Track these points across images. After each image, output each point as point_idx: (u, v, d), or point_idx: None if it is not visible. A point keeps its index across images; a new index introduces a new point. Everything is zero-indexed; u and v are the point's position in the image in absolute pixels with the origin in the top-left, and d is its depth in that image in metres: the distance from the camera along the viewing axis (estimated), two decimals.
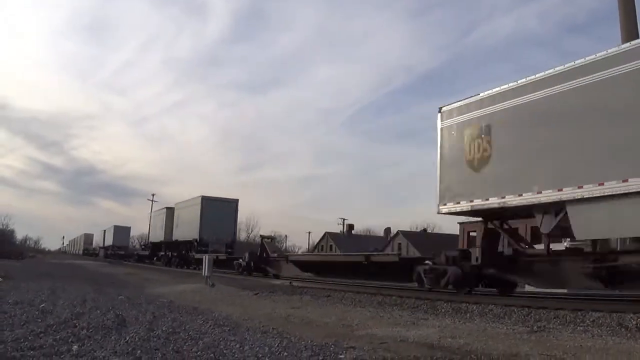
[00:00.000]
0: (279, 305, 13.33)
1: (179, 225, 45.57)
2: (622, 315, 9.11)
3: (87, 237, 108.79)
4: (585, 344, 7.10)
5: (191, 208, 42.21)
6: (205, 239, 39.52)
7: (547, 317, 9.92)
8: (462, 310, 11.64)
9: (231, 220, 41.11)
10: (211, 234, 39.58)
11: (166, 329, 8.30)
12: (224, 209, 40.59)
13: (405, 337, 8.16)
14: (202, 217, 39.83)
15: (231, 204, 41.45)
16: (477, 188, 14.76)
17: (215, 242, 39.50)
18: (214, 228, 39.53)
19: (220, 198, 41.90)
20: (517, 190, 13.52)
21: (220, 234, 39.90)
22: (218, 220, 39.70)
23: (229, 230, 40.93)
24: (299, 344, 7.04)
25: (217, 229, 39.59)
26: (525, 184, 13.28)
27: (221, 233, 39.92)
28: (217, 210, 40.28)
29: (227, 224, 40.64)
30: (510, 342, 7.37)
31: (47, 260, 56.58)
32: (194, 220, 40.70)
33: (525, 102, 13.59)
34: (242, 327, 8.96)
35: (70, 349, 6.49)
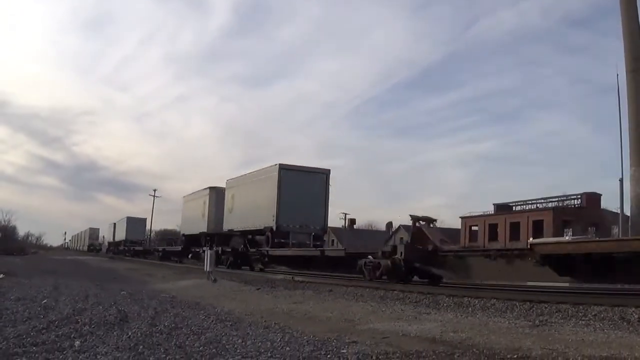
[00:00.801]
0: (280, 300, 13.34)
1: (236, 210, 33.19)
2: (624, 309, 9.10)
3: (92, 231, 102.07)
4: (587, 337, 7.09)
5: (259, 184, 30.26)
6: (285, 227, 27.67)
7: (549, 311, 9.90)
8: (464, 304, 11.63)
9: (320, 200, 29.01)
10: (293, 219, 27.92)
11: (168, 324, 8.32)
12: (310, 184, 28.71)
13: (407, 331, 8.16)
14: (281, 195, 27.76)
15: (320, 177, 29.22)
16: None
17: (298, 230, 28.05)
18: (297, 211, 27.98)
19: (304, 168, 29.62)
20: None
21: (306, 219, 28.23)
22: (303, 200, 28.26)
23: (318, 214, 28.85)
24: (301, 339, 7.05)
25: (301, 213, 28.05)
26: None
27: (307, 218, 28.27)
28: (302, 185, 28.40)
29: (315, 206, 28.69)
30: (512, 337, 7.36)
31: (49, 257, 56.66)
32: (265, 202, 28.82)
33: None
34: (244, 322, 8.98)
35: (72, 344, 6.50)
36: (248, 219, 30.74)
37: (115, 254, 71.95)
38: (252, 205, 30.43)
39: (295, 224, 27.81)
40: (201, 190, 40.50)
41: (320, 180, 28.84)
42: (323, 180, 28.88)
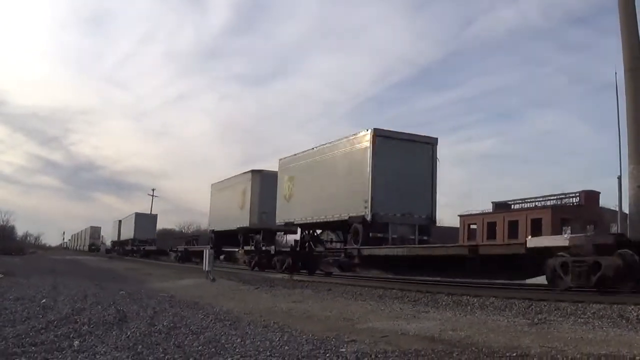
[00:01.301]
0: (279, 300, 13.35)
1: (298, 197, 25.25)
2: (623, 307, 9.11)
3: (93, 230, 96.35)
4: (586, 335, 7.10)
5: (340, 161, 22.25)
6: (382, 217, 19.94)
7: (548, 309, 9.92)
8: (462, 302, 11.64)
9: (426, 179, 21.07)
10: (393, 206, 20.18)
11: (167, 324, 8.31)
12: (413, 158, 21.03)
13: (406, 330, 8.17)
14: (377, 173, 19.89)
15: (425, 149, 21.31)
16: None
17: (399, 221, 20.31)
18: (398, 195, 20.20)
19: (406, 135, 21.36)
20: None
21: (410, 205, 20.49)
22: (405, 179, 20.43)
23: (424, 198, 20.93)
24: (300, 338, 7.05)
25: (403, 197, 20.32)
26: None
27: (411, 204, 20.52)
28: (403, 159, 20.70)
29: (420, 187, 20.85)
30: (511, 335, 7.37)
31: (48, 257, 56.60)
32: (352, 183, 21.01)
33: None
34: (243, 321, 8.97)
35: (71, 344, 6.50)
36: (320, 208, 23.06)
37: (122, 254, 66.70)
38: (327, 190, 22.63)
39: (396, 212, 20.10)
40: (239, 176, 33.05)
41: (425, 152, 21.08)
42: (429, 153, 21.07)
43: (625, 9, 17.93)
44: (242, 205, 31.41)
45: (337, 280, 18.86)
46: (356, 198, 20.31)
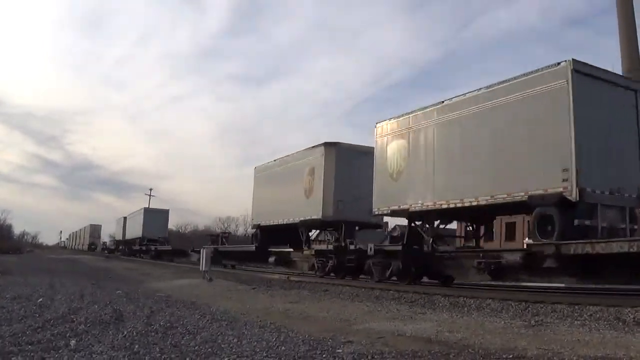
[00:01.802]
0: (276, 300, 13.34)
1: (418, 171, 17.59)
2: (620, 309, 9.13)
3: (93, 229, 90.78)
4: (583, 337, 7.11)
5: (513, 110, 14.68)
6: (590, 195, 13.09)
7: (544, 311, 9.94)
8: (459, 304, 11.66)
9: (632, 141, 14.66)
10: (602, 179, 13.59)
11: (164, 324, 8.30)
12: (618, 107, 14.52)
13: (403, 331, 8.17)
14: (580, 129, 13.14)
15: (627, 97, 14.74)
16: None
17: (608, 201, 13.57)
18: (605, 164, 13.85)
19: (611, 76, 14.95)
20: None
21: (619, 178, 14.01)
22: (612, 138, 14.16)
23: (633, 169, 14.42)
24: (297, 339, 7.05)
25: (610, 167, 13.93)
26: None
27: (620, 178, 14.03)
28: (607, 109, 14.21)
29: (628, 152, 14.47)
30: (508, 337, 7.38)
31: (45, 256, 56.52)
32: (538, 144, 14.01)
33: None
34: (239, 321, 8.97)
35: (68, 343, 6.49)
36: (465, 186, 15.66)
37: (128, 254, 60.45)
38: (483, 157, 15.27)
39: (604, 189, 13.59)
40: (303, 152, 24.73)
41: (628, 101, 14.60)
42: (632, 102, 14.64)
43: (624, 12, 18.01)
44: (309, 190, 23.40)
45: (334, 282, 18.83)
46: (547, 167, 13.57)
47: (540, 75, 13.92)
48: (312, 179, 23.13)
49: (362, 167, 20.91)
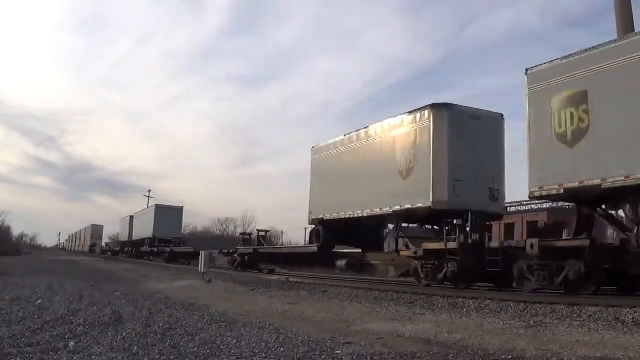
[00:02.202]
0: (275, 301, 13.34)
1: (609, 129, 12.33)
2: (619, 310, 9.15)
3: (95, 229, 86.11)
4: (582, 338, 7.12)
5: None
6: None
7: (543, 311, 9.95)
8: (458, 305, 11.66)
9: None
10: None
11: (163, 325, 8.30)
12: None
13: (402, 332, 8.17)
14: None
15: None
16: None
17: None
18: None
19: None
20: None
21: None
22: None
23: None
24: (296, 340, 7.04)
25: None
26: None
27: None
28: None
29: None
30: (507, 337, 7.38)
31: (44, 257, 56.47)
32: None
33: None
34: (238, 323, 8.96)
35: (67, 345, 6.48)
36: None
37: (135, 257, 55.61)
38: None
39: None
40: (398, 119, 18.99)
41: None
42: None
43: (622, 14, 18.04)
44: (408, 170, 17.93)
45: (333, 282, 18.83)
46: None
47: None
48: (414, 154, 17.71)
49: (480, 138, 17.19)
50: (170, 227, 49.76)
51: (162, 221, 49.75)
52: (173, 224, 50.67)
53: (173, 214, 51.60)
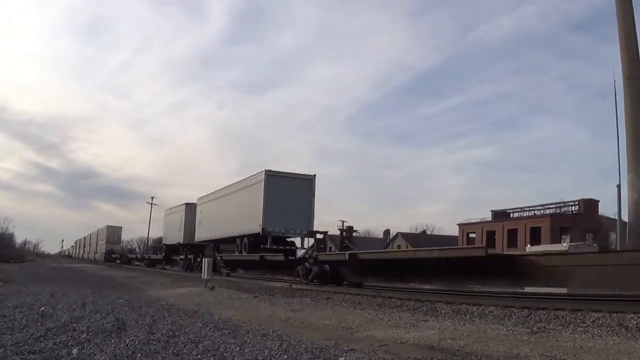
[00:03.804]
0: (278, 308, 13.33)
1: None
2: (623, 316, 9.11)
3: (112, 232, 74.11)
4: (586, 344, 7.10)
5: None
6: None
7: (547, 318, 9.92)
8: (462, 311, 11.64)
9: None
10: None
11: (166, 332, 8.29)
12: None
13: (405, 338, 8.16)
14: None
15: None
16: None
17: None
18: None
19: None
20: None
21: None
22: None
23: None
24: (299, 347, 7.04)
25: None
26: None
27: None
28: None
29: None
30: (511, 344, 7.37)
31: (47, 264, 56.49)
32: None
33: None
34: (241, 330, 8.96)
35: (70, 352, 6.49)
36: None
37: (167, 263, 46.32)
38: None
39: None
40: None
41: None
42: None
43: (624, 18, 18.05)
44: None
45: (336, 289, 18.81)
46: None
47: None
48: None
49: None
50: (294, 215, 27.24)
51: (278, 204, 26.85)
52: (299, 208, 27.37)
53: (298, 190, 27.63)
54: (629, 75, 17.24)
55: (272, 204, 26.52)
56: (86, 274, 35.65)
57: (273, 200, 26.56)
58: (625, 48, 17.61)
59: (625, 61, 17.46)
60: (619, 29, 18.53)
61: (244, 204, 29.84)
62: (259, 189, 27.28)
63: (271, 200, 26.54)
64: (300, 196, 27.37)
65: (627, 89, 17.34)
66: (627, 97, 17.29)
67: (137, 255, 66.34)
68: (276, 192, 26.74)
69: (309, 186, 27.77)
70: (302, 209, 27.31)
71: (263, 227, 26.21)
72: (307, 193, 27.62)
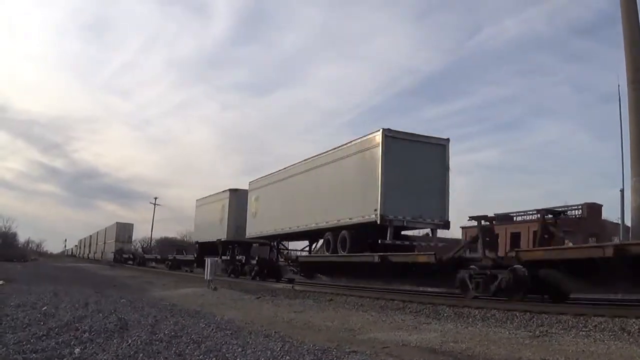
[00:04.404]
0: (281, 309, 13.33)
1: None
2: (625, 320, 9.09)
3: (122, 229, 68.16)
4: (588, 349, 7.08)
5: None
6: None
7: (549, 321, 9.90)
8: (464, 314, 11.63)
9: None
10: None
11: (168, 333, 8.30)
12: None
13: (408, 341, 8.16)
14: None
15: None
16: None
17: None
18: None
19: None
20: None
21: None
22: None
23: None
24: (301, 348, 7.03)
25: None
26: None
27: None
28: None
29: None
30: (512, 347, 7.36)
31: (50, 264, 56.57)
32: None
33: None
34: (244, 330, 8.96)
35: (72, 352, 6.50)
36: None
37: (234, 273, 31.68)
38: None
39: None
40: None
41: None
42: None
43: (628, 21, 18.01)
44: None
45: (339, 291, 18.82)
46: None
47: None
48: None
49: None
50: (423, 196, 19.40)
51: (401, 180, 19.03)
52: (430, 187, 19.66)
53: (427, 159, 19.98)
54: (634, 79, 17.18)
55: (393, 180, 18.40)
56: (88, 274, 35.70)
57: (395, 175, 18.48)
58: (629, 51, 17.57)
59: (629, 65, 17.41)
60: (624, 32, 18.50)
61: (343, 181, 20.84)
62: (372, 157, 18.94)
63: (393, 174, 18.41)
64: (431, 169, 19.44)
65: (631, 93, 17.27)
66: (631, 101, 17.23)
67: (156, 256, 58.16)
68: (399, 162, 18.65)
69: (441, 154, 19.58)
70: (433, 188, 19.31)
71: (382, 213, 17.94)
72: (439, 164, 19.53)
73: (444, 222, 19.27)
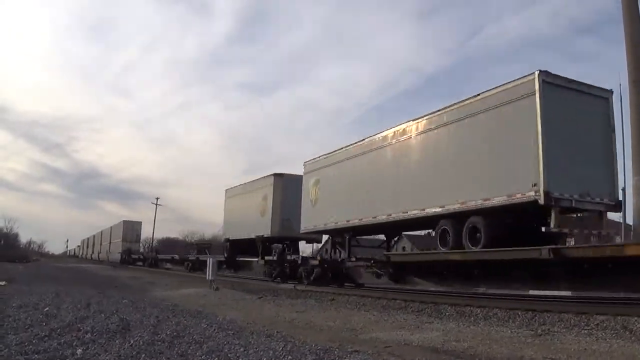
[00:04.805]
0: (283, 309, 13.34)
1: None
2: (627, 319, 9.08)
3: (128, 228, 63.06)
4: (590, 347, 7.08)
5: None
6: None
7: (551, 320, 9.89)
8: (466, 313, 11.62)
9: None
10: None
11: (170, 333, 8.30)
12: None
13: (410, 340, 8.16)
14: None
15: None
16: None
17: None
18: None
19: None
20: None
21: None
22: None
23: None
24: (303, 348, 7.03)
25: None
26: None
27: None
28: None
29: None
30: (515, 346, 7.35)
31: (51, 264, 56.60)
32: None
33: None
34: (246, 330, 8.95)
35: (74, 352, 6.51)
36: None
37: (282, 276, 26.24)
38: None
39: None
40: None
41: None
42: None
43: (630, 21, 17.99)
44: None
45: (340, 291, 18.82)
46: None
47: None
48: None
49: None
50: (588, 166, 14.39)
51: (564, 145, 13.89)
52: (593, 154, 14.61)
53: (588, 117, 14.78)
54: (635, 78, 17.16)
55: (556, 144, 13.45)
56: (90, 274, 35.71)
57: (557, 136, 13.59)
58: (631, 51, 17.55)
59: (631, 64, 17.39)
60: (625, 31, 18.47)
61: (471, 148, 15.53)
62: (524, 111, 13.85)
63: (555, 134, 13.52)
64: (594, 129, 14.63)
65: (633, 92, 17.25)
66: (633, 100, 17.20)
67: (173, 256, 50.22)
68: (560, 118, 13.73)
69: (604, 110, 14.80)
70: (598, 155, 14.53)
71: (546, 189, 13.03)
72: (602, 123, 14.75)
73: (615, 202, 14.70)
